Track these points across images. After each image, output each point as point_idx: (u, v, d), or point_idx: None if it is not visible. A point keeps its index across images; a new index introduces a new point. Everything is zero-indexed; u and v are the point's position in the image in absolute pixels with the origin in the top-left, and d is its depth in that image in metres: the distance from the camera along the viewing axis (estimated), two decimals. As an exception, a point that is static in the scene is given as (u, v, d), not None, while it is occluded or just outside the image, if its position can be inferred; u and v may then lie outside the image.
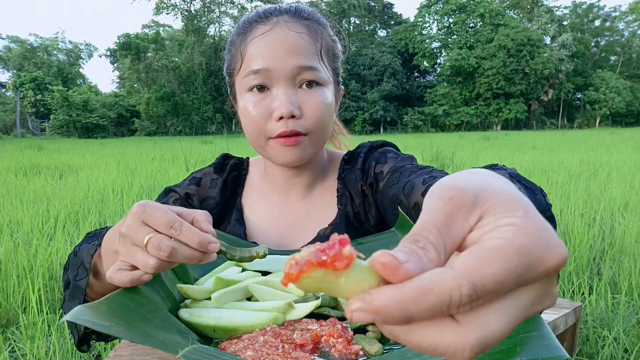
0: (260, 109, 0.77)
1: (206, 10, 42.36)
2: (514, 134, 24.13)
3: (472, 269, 0.23)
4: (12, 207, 3.93)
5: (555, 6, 51.27)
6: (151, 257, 0.50)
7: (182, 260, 0.51)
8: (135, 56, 39.15)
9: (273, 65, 0.76)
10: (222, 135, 26.62)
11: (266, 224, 0.90)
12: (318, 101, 0.78)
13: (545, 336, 0.42)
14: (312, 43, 0.79)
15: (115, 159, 8.79)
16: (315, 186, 0.91)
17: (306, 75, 0.77)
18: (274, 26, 0.78)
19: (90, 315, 0.43)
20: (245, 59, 0.79)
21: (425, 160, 7.10)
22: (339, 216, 0.87)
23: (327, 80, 0.80)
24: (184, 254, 0.50)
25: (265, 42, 0.77)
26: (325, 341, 0.50)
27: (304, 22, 0.80)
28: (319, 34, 0.81)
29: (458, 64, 40.67)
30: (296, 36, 0.78)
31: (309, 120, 0.78)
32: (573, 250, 2.76)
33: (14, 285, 2.14)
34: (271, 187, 0.92)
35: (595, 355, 1.79)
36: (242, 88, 0.80)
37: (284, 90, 0.76)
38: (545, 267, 0.24)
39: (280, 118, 0.76)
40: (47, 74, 43.81)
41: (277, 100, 0.76)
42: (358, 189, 0.86)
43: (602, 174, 5.72)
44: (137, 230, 0.51)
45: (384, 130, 41.15)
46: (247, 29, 0.81)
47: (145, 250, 0.51)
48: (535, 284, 0.25)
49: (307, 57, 0.77)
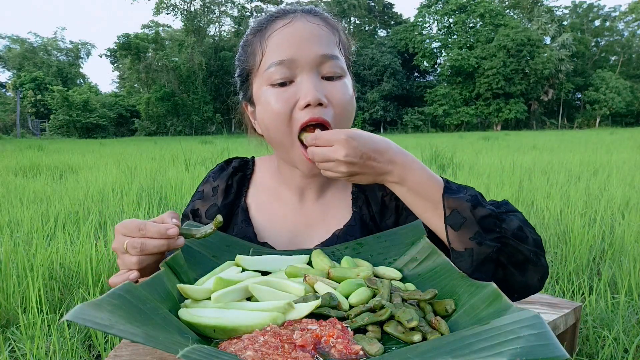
0: (285, 101, 0.76)
1: (206, 10, 42.36)
2: (514, 134, 24.13)
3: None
4: (12, 207, 3.93)
5: (555, 6, 51.34)
6: (132, 256, 0.63)
7: (153, 250, 0.62)
8: (135, 56, 39.13)
9: (297, 54, 0.76)
10: (222, 135, 26.63)
11: (277, 224, 0.90)
12: (342, 91, 0.78)
13: (545, 336, 0.42)
14: (331, 33, 0.80)
15: (115, 159, 8.79)
16: (329, 187, 0.92)
17: (330, 65, 0.77)
18: (293, 19, 0.79)
19: (90, 314, 0.43)
20: (267, 52, 0.78)
21: (425, 160, 7.10)
22: (353, 218, 0.88)
23: (347, 72, 0.81)
24: (152, 244, 0.62)
25: (286, 32, 0.77)
26: (325, 341, 0.50)
27: (320, 17, 0.82)
28: (335, 29, 0.83)
29: (458, 64, 40.66)
30: (316, 27, 0.79)
31: (336, 109, 0.77)
32: (573, 250, 2.77)
33: (14, 285, 2.14)
34: (286, 186, 0.92)
35: (595, 355, 1.79)
36: (263, 83, 0.79)
37: (309, 77, 0.76)
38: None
39: (306, 106, 0.74)
40: (47, 74, 43.76)
41: (303, 87, 0.75)
42: (378, 197, 0.88)
43: (602, 174, 5.72)
44: (119, 241, 0.64)
45: (384, 131, 41.14)
46: (264, 26, 0.81)
47: (127, 253, 0.63)
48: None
49: (329, 46, 0.78)
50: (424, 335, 0.53)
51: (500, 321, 0.48)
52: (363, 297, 0.62)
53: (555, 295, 2.29)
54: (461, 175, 5.89)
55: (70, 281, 2.42)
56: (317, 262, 0.74)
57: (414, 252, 0.76)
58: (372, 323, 0.56)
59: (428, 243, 0.75)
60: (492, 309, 0.53)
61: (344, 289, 0.64)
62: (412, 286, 0.68)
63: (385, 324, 0.56)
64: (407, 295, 0.62)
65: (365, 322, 0.56)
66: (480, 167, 6.75)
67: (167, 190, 4.83)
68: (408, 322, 0.54)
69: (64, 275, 2.44)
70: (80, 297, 2.19)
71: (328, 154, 0.67)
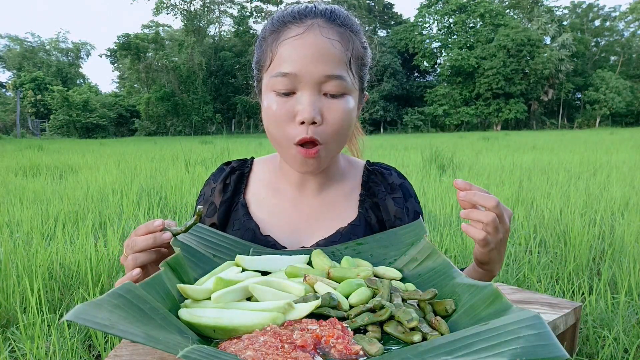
0: (284, 111, 0.79)
1: (206, 10, 42.34)
2: (514, 134, 24.13)
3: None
4: (12, 207, 3.93)
5: (555, 6, 51.23)
6: (127, 256, 0.69)
7: (144, 245, 0.68)
8: (135, 56, 39.10)
9: (301, 70, 0.77)
10: (222, 136, 26.62)
11: (278, 218, 0.92)
12: (340, 109, 0.80)
13: (545, 336, 0.42)
14: (343, 51, 0.80)
15: (115, 159, 8.79)
16: (331, 184, 0.95)
17: (332, 84, 0.79)
18: (307, 29, 0.79)
19: (90, 314, 0.43)
20: (276, 58, 0.80)
21: (425, 160, 7.10)
22: (359, 219, 0.91)
23: (351, 89, 0.82)
24: (141, 240, 0.68)
25: (296, 45, 0.78)
26: (325, 342, 0.50)
27: (337, 28, 0.81)
28: (351, 42, 0.82)
29: (458, 64, 40.65)
30: (327, 43, 0.78)
31: (329, 128, 0.80)
32: (573, 250, 2.76)
33: (13, 285, 2.14)
34: (286, 181, 0.95)
35: (595, 355, 1.79)
36: (269, 86, 0.81)
37: (309, 95, 0.78)
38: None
39: (301, 122, 0.78)
40: (47, 74, 43.73)
41: (301, 104, 0.78)
42: (389, 209, 0.92)
43: (602, 174, 5.72)
44: (124, 247, 0.72)
45: (384, 131, 41.16)
46: (280, 28, 0.81)
47: (126, 255, 0.70)
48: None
49: (335, 66, 0.79)
50: (424, 335, 0.53)
51: (500, 321, 0.48)
52: (363, 297, 0.62)
53: (555, 295, 2.29)
54: (461, 175, 5.89)
55: (70, 281, 2.42)
56: (317, 262, 0.74)
57: (414, 252, 0.76)
58: (372, 323, 0.56)
59: (428, 243, 0.75)
60: (492, 309, 0.53)
61: (344, 289, 0.64)
62: (412, 286, 0.68)
63: (385, 324, 0.56)
64: (407, 295, 0.62)
65: (365, 322, 0.56)
66: (480, 167, 6.75)
67: (167, 191, 4.84)
68: (408, 322, 0.54)
69: (64, 275, 2.44)
70: (80, 297, 2.19)
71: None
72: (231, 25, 44.44)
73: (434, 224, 3.52)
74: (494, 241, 0.72)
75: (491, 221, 0.70)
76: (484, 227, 0.71)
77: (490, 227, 0.70)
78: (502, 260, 0.79)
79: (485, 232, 0.71)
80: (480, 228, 0.71)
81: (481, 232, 0.71)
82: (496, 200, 0.70)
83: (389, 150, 10.77)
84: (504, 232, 0.72)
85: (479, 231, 0.71)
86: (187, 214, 3.99)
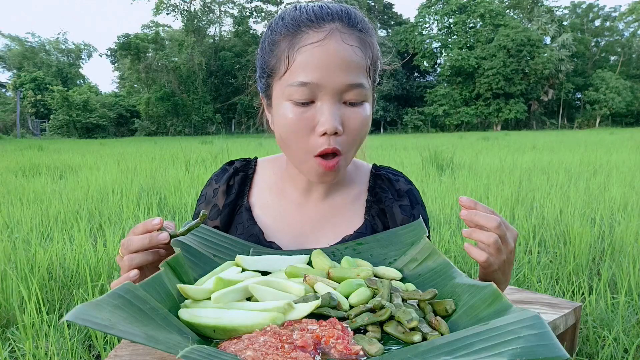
0: (303, 122, 0.75)
1: (206, 10, 42.33)
2: (514, 134, 24.13)
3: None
4: (12, 207, 3.93)
5: (555, 6, 51.16)
6: (125, 257, 0.67)
7: (139, 245, 0.66)
8: (135, 56, 39.08)
9: (323, 79, 0.73)
10: (222, 136, 26.61)
11: (282, 223, 0.90)
12: (360, 117, 0.77)
13: (545, 336, 0.42)
14: (363, 58, 0.77)
15: (115, 159, 8.79)
16: (338, 189, 0.93)
17: (353, 93, 0.76)
18: (327, 36, 0.74)
19: (90, 314, 0.43)
20: (293, 66, 0.75)
21: (425, 160, 7.10)
22: (365, 226, 0.89)
23: (369, 96, 0.79)
24: (137, 239, 0.66)
25: (316, 53, 0.74)
26: (325, 342, 0.50)
27: (357, 33, 0.77)
28: (369, 47, 0.79)
29: (458, 64, 40.65)
30: (349, 50, 0.75)
31: (350, 137, 0.77)
32: (573, 250, 2.76)
33: (13, 285, 2.14)
34: (292, 184, 0.92)
35: (595, 355, 1.79)
36: (283, 94, 0.77)
37: (330, 105, 0.75)
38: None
39: (323, 134, 0.75)
40: (47, 74, 43.70)
41: (323, 115, 0.74)
42: (396, 216, 0.91)
43: (602, 174, 5.72)
44: (120, 246, 0.69)
45: (384, 131, 41.15)
46: (296, 32, 0.76)
47: (121, 256, 0.68)
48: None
49: (357, 74, 0.75)
50: (424, 336, 0.53)
51: (500, 321, 0.48)
52: (363, 297, 0.62)
53: (555, 295, 2.29)
54: (461, 175, 5.89)
55: (69, 281, 2.42)
56: (317, 262, 0.74)
57: (414, 252, 0.76)
58: (372, 323, 0.56)
59: (428, 243, 0.75)
60: (492, 309, 0.53)
61: (344, 289, 0.64)
62: (412, 286, 0.68)
63: (385, 324, 0.56)
64: (407, 295, 0.62)
65: (365, 322, 0.56)
66: (480, 167, 6.75)
67: (167, 190, 4.84)
68: (408, 322, 0.54)
69: (64, 275, 2.44)
70: (80, 298, 2.19)
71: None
72: (231, 26, 44.45)
73: (433, 224, 3.52)
74: (497, 263, 0.69)
75: (493, 243, 0.67)
76: (485, 247, 0.69)
77: (492, 248, 0.68)
78: (508, 281, 0.76)
79: (487, 253, 0.68)
80: (482, 249, 0.69)
81: (483, 254, 0.68)
82: (498, 220, 0.67)
83: (389, 150, 10.77)
84: (508, 254, 0.70)
85: (480, 252, 0.69)
86: (186, 214, 3.99)
